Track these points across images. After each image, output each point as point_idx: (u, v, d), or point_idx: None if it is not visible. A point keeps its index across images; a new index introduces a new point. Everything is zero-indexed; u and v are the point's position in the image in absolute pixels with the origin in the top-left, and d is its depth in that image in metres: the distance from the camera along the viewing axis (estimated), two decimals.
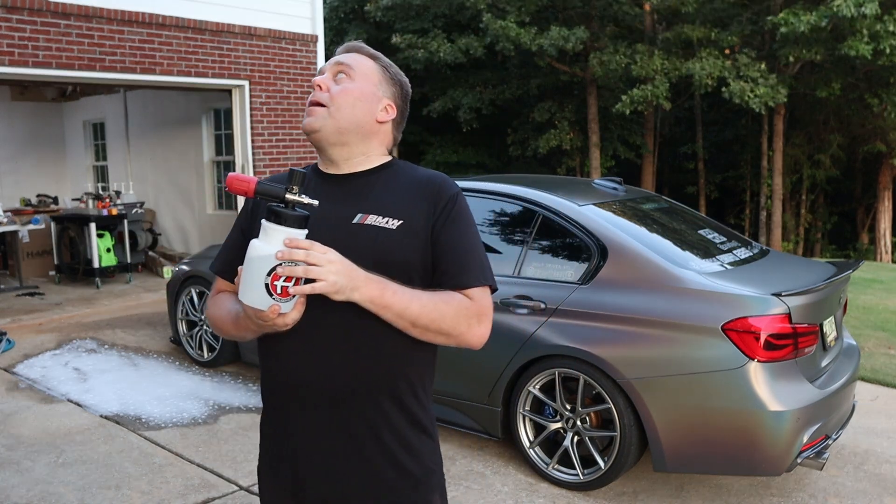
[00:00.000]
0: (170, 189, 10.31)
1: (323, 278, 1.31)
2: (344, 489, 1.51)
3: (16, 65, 6.30)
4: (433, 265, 1.51)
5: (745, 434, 3.14)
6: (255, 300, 1.33)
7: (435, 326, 1.44)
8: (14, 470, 3.73)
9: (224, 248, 1.69)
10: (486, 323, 1.51)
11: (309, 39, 8.60)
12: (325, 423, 1.49)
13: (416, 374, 1.54)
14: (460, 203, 1.55)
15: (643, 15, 16.36)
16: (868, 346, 6.02)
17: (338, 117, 1.54)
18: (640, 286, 3.44)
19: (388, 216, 1.50)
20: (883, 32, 11.87)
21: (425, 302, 1.43)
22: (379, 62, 1.62)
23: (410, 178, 1.57)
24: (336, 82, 1.57)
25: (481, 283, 1.51)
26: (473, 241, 1.54)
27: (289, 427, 1.53)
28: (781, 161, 16.17)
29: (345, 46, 1.64)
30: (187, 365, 5.51)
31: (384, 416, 1.49)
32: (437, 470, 1.59)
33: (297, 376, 1.49)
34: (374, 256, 1.45)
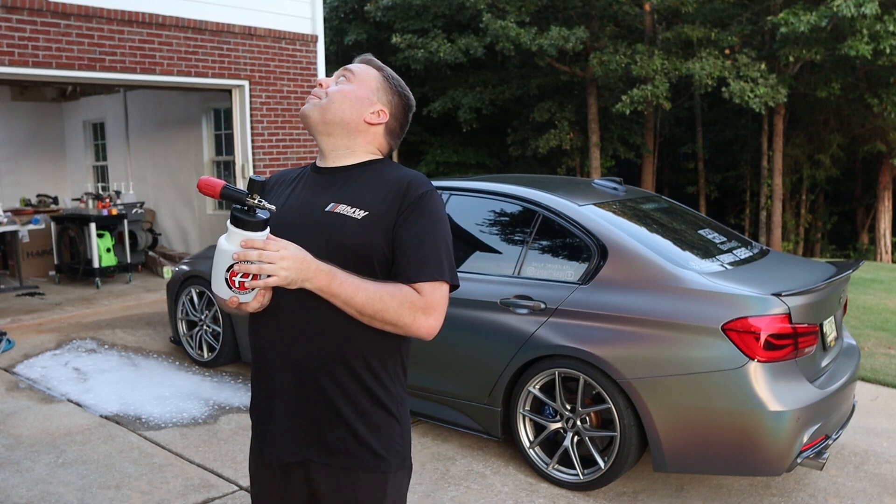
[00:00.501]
0: (170, 189, 10.31)
1: (275, 274, 1.49)
2: (302, 449, 1.68)
3: (16, 65, 6.30)
4: (392, 257, 1.64)
5: (745, 434, 3.14)
6: (220, 290, 1.55)
7: (379, 316, 1.57)
8: (14, 470, 3.73)
9: None
10: (433, 316, 1.62)
11: (309, 39, 8.60)
12: (289, 389, 1.67)
13: (374, 355, 1.67)
14: (426, 201, 1.65)
15: (643, 15, 16.36)
16: (868, 346, 6.02)
17: (327, 109, 1.72)
18: (640, 286, 3.44)
19: (356, 207, 1.65)
20: (883, 32, 11.87)
21: (371, 293, 1.56)
22: (383, 73, 1.79)
23: (388, 176, 1.71)
24: (337, 83, 1.77)
25: (433, 278, 1.61)
26: (433, 237, 1.63)
27: (263, 391, 1.73)
28: (781, 161, 16.17)
29: (359, 58, 1.83)
30: (187, 365, 5.51)
31: (340, 387, 1.64)
32: (399, 450, 1.70)
33: (268, 348, 1.69)
34: (335, 241, 1.62)
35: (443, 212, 1.69)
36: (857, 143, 17.07)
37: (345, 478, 1.66)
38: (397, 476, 1.70)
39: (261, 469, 1.78)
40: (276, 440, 1.70)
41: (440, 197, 1.71)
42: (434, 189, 1.69)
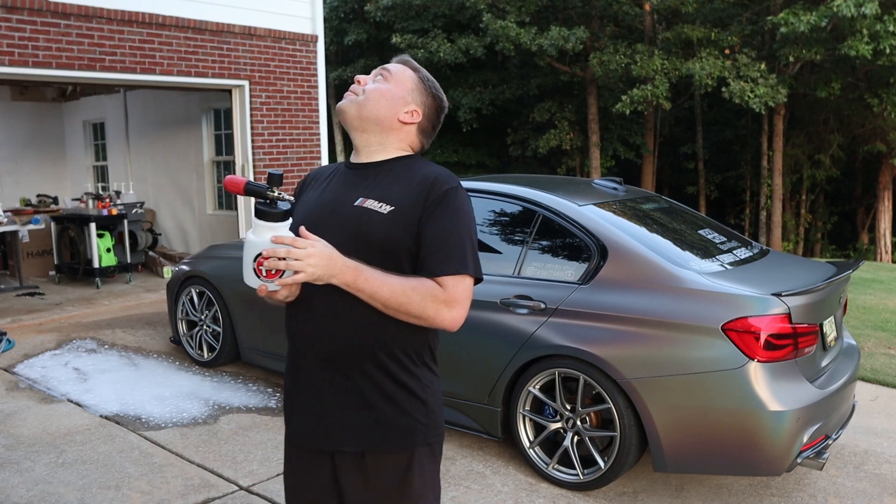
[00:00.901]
0: (170, 189, 10.31)
1: (302, 270, 1.55)
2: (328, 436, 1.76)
3: (16, 65, 6.30)
4: (416, 251, 1.70)
5: (745, 434, 3.14)
6: (248, 280, 1.63)
7: (403, 309, 1.64)
8: (14, 470, 3.73)
9: None
10: (456, 309, 1.67)
11: (309, 39, 8.60)
12: (317, 377, 1.76)
13: (400, 345, 1.73)
14: (451, 197, 1.71)
15: (643, 15, 16.36)
16: (868, 346, 6.02)
17: (363, 106, 1.79)
18: (640, 286, 3.44)
19: (383, 202, 1.71)
20: (883, 32, 11.87)
21: (395, 288, 1.63)
22: (419, 74, 1.86)
23: (416, 172, 1.76)
24: (374, 81, 1.83)
25: (456, 272, 1.67)
26: (457, 231, 1.69)
27: (297, 378, 1.82)
28: (781, 161, 16.18)
29: (396, 58, 1.89)
30: (187, 365, 5.51)
31: (367, 376, 1.72)
32: (422, 429, 1.75)
33: (300, 338, 1.79)
34: (361, 235, 1.69)
35: (468, 207, 1.74)
36: (857, 143, 17.07)
37: (370, 462, 1.73)
38: (421, 453, 1.75)
39: (291, 452, 1.87)
40: (304, 426, 1.80)
41: (466, 193, 1.75)
42: (460, 185, 1.74)
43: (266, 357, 5.01)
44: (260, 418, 4.46)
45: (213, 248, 5.80)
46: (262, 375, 5.26)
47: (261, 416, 4.49)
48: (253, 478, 3.66)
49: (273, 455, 3.92)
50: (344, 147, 20.98)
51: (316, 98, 8.76)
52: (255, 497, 3.47)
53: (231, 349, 5.29)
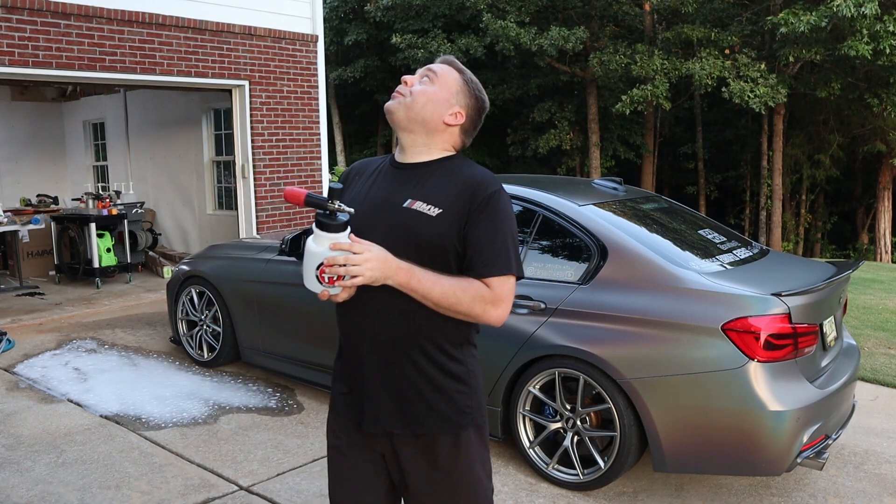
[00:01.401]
0: (170, 189, 10.32)
1: (361, 274, 1.67)
2: (387, 418, 1.87)
3: (16, 65, 6.30)
4: (464, 252, 1.80)
5: (745, 434, 3.14)
6: (311, 286, 1.74)
7: (453, 309, 1.76)
8: (14, 470, 3.73)
9: None
10: (501, 307, 1.80)
11: (309, 39, 8.60)
12: (375, 369, 1.87)
13: (446, 338, 1.85)
14: (495, 200, 1.80)
15: (643, 15, 16.36)
16: (868, 346, 6.03)
17: (410, 108, 1.86)
18: (640, 286, 3.44)
19: (431, 204, 1.80)
20: (883, 32, 11.87)
21: (446, 288, 1.75)
22: (464, 76, 1.91)
23: (460, 174, 1.85)
24: (421, 83, 1.89)
25: (501, 273, 1.78)
26: (502, 234, 1.79)
27: (351, 370, 1.93)
28: (781, 161, 16.18)
29: (441, 58, 1.93)
30: (187, 365, 5.51)
31: (417, 367, 1.84)
32: (468, 411, 1.88)
33: (355, 330, 1.88)
34: (412, 238, 1.78)
35: (510, 209, 1.84)
36: (857, 143, 17.07)
37: (422, 443, 1.87)
38: (467, 433, 1.88)
39: (346, 438, 1.96)
40: (367, 413, 1.89)
41: (507, 195, 1.85)
42: (502, 187, 1.83)
43: (266, 357, 5.01)
44: (260, 418, 4.46)
45: (213, 248, 5.80)
46: (262, 375, 5.26)
47: (261, 416, 4.49)
48: (253, 478, 3.66)
49: (273, 455, 3.92)
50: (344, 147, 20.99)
51: (316, 98, 8.76)
52: (255, 497, 3.47)
53: (231, 349, 5.29)
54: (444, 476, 1.89)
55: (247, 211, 8.31)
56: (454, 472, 1.89)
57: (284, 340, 4.83)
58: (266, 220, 8.36)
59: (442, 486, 1.89)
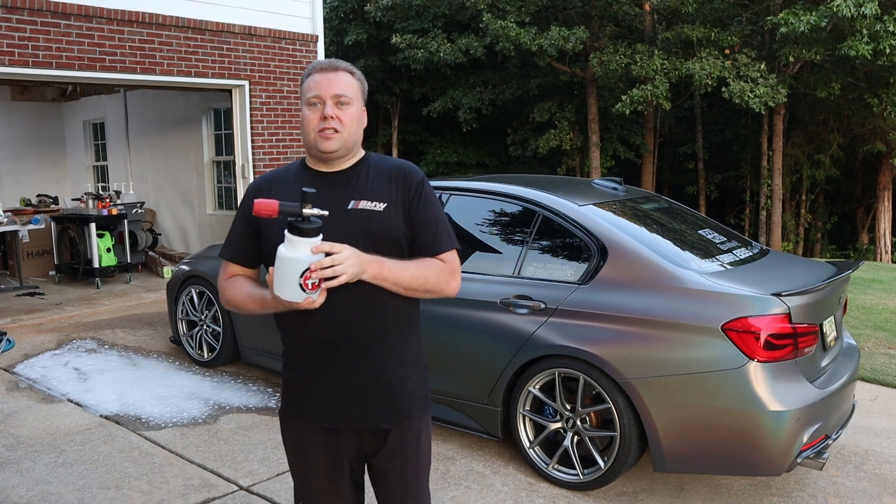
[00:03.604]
0: (170, 189, 10.31)
1: (344, 272, 1.74)
2: (362, 413, 1.95)
3: (16, 65, 6.30)
4: (412, 236, 1.95)
5: (745, 434, 3.14)
6: (291, 296, 1.72)
7: (422, 288, 1.92)
8: (14, 470, 3.73)
9: (232, 237, 2.07)
10: (457, 277, 2.00)
11: (309, 39, 8.60)
12: (348, 363, 1.92)
13: (408, 322, 2.00)
14: (426, 186, 1.99)
15: (643, 15, 16.35)
16: (868, 346, 6.02)
17: (347, 138, 1.93)
18: (640, 286, 3.44)
19: (375, 200, 1.92)
20: (883, 32, 11.86)
21: (413, 271, 1.89)
22: (356, 76, 1.97)
23: (384, 168, 1.99)
24: (339, 109, 1.92)
25: (450, 247, 1.98)
26: (439, 215, 1.99)
27: (313, 370, 1.96)
28: (781, 161, 16.17)
29: (328, 65, 1.94)
30: (187, 365, 5.51)
31: (391, 354, 1.95)
32: (426, 396, 2.06)
33: (321, 332, 1.91)
34: (370, 233, 1.89)
35: (433, 190, 2.02)
36: (857, 143, 17.06)
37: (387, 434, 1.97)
38: (426, 417, 2.05)
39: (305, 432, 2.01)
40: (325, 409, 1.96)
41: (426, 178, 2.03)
42: (423, 173, 2.02)
43: (266, 357, 5.01)
44: (260, 418, 4.46)
45: (213, 248, 5.80)
46: (262, 375, 5.26)
47: (261, 416, 4.49)
48: (253, 478, 3.66)
49: (273, 455, 3.92)
50: None
51: None
52: (255, 497, 3.47)
53: (231, 349, 5.29)
54: (410, 462, 2.02)
55: None
56: (418, 457, 2.04)
57: None
58: None
59: (409, 471, 2.03)
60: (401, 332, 1.97)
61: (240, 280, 2.03)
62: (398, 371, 1.97)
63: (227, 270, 2.07)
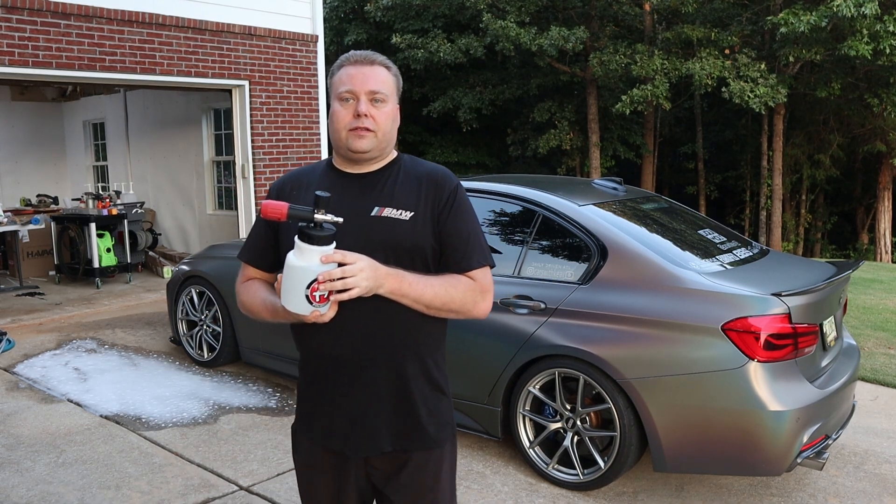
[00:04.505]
0: (170, 189, 10.31)
1: (356, 286, 1.58)
2: (370, 438, 1.78)
3: (16, 65, 6.30)
4: (440, 250, 1.77)
5: (745, 434, 3.14)
6: (297, 307, 1.59)
7: (446, 308, 1.73)
8: (14, 470, 3.73)
9: (251, 239, 1.94)
10: (488, 298, 1.82)
11: (309, 39, 8.60)
12: (360, 384, 1.76)
13: (431, 342, 1.82)
14: (460, 194, 1.80)
15: (643, 15, 16.34)
16: (868, 346, 6.02)
17: (381, 139, 1.77)
18: (640, 286, 3.44)
19: (401, 209, 1.75)
20: (883, 32, 11.86)
21: (437, 288, 1.71)
22: (391, 71, 1.80)
23: (416, 173, 1.81)
24: (374, 107, 1.75)
25: (481, 264, 1.79)
26: (473, 227, 1.80)
27: (322, 388, 1.81)
28: (781, 161, 16.17)
29: (363, 58, 1.77)
30: (187, 365, 5.51)
31: (407, 377, 1.77)
32: (450, 422, 1.87)
33: (333, 348, 1.75)
34: (392, 244, 1.72)
35: (469, 200, 1.84)
36: (857, 143, 17.06)
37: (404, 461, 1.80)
38: (450, 446, 1.87)
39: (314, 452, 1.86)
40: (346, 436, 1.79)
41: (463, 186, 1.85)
42: (458, 180, 1.83)
43: (266, 357, 5.01)
44: (260, 418, 4.46)
45: (213, 248, 5.80)
46: (262, 375, 5.26)
47: (261, 416, 4.49)
48: (253, 478, 3.66)
49: (273, 455, 3.92)
50: None
51: (316, 98, 8.76)
52: (255, 497, 3.47)
53: (231, 349, 5.29)
54: (428, 493, 1.83)
55: (247, 211, 8.31)
56: (437, 492, 1.84)
57: (284, 340, 4.83)
58: None
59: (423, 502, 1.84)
60: (420, 351, 1.80)
61: (256, 284, 1.90)
62: (415, 394, 1.79)
63: (245, 273, 1.95)
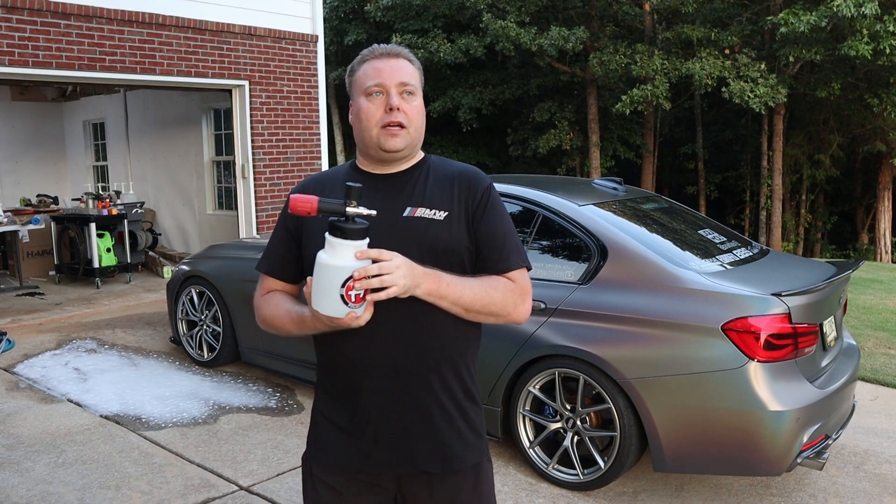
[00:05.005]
0: (170, 189, 10.31)
1: (394, 284, 1.47)
2: (411, 453, 1.65)
3: (16, 65, 6.30)
4: (476, 251, 1.68)
5: (745, 434, 3.14)
6: (331, 310, 1.47)
7: (486, 311, 1.62)
8: (14, 470, 3.73)
9: (271, 247, 1.80)
10: (528, 300, 1.71)
11: (309, 39, 8.60)
12: (394, 395, 1.64)
13: (467, 350, 1.71)
14: (493, 194, 1.72)
15: (643, 15, 16.35)
16: (868, 346, 6.02)
17: (414, 135, 1.67)
18: (640, 286, 3.44)
19: (434, 208, 1.66)
20: (883, 32, 11.87)
21: (476, 290, 1.60)
22: (415, 65, 1.71)
23: (446, 173, 1.72)
24: (405, 100, 1.65)
25: (519, 265, 1.71)
26: (508, 227, 1.71)
27: (360, 401, 1.66)
28: (781, 161, 16.17)
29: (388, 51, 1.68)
30: (187, 365, 5.51)
31: (444, 387, 1.66)
32: (484, 435, 1.76)
33: (367, 356, 1.62)
34: (427, 245, 1.63)
35: (501, 201, 1.76)
36: (857, 143, 17.07)
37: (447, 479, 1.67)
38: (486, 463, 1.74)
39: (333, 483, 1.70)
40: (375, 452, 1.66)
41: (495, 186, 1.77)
42: (490, 180, 1.75)
43: (266, 357, 5.01)
44: (260, 418, 4.46)
45: (213, 248, 5.80)
46: (262, 375, 5.26)
47: (261, 416, 4.49)
48: (253, 478, 3.66)
49: (273, 455, 3.92)
50: (344, 147, 20.99)
51: (316, 98, 8.76)
52: (255, 497, 3.47)
53: (231, 349, 5.29)
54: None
55: (247, 211, 8.31)
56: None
57: (284, 340, 4.83)
58: (266, 219, 8.36)
59: None
60: (458, 360, 1.68)
61: (277, 296, 1.74)
62: (454, 406, 1.67)
63: (264, 285, 1.79)
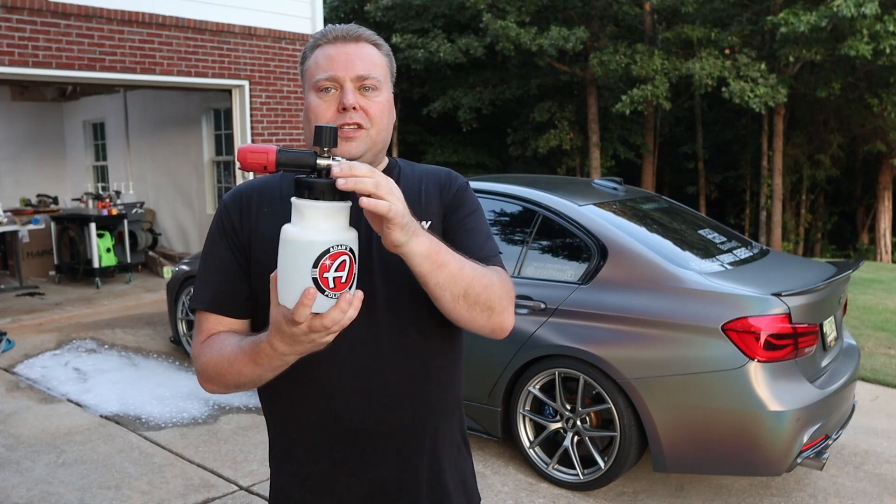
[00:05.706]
0: (170, 189, 10.31)
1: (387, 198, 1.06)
2: None
3: (16, 65, 6.30)
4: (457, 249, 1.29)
5: (745, 434, 3.14)
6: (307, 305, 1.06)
7: (486, 295, 1.24)
8: (14, 470, 3.73)
9: (207, 276, 1.36)
10: (513, 306, 1.35)
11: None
12: (379, 458, 1.34)
13: (460, 391, 1.45)
14: (469, 192, 1.44)
15: (643, 15, 16.35)
16: (868, 346, 6.02)
17: (376, 137, 1.33)
18: (640, 286, 3.44)
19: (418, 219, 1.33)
20: (883, 32, 11.87)
21: (476, 266, 1.24)
22: (383, 51, 1.37)
23: (417, 177, 1.42)
24: (364, 96, 1.31)
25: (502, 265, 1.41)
26: (486, 229, 1.43)
27: (332, 465, 1.35)
28: (781, 161, 16.17)
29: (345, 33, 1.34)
30: (187, 365, 5.51)
31: (442, 443, 1.40)
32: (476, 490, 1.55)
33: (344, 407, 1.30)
34: None
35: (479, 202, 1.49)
36: (857, 143, 17.07)
37: None
38: None
39: None
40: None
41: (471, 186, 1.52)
42: (466, 179, 1.47)
43: None
44: (260, 418, 4.46)
45: None
46: None
47: (261, 416, 4.49)
48: (253, 478, 3.66)
49: None
50: None
51: None
52: (255, 497, 3.47)
53: None
54: None
55: None
56: None
57: None
58: None
59: None
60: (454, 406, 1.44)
61: (222, 336, 1.31)
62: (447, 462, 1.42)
63: (203, 328, 1.35)
